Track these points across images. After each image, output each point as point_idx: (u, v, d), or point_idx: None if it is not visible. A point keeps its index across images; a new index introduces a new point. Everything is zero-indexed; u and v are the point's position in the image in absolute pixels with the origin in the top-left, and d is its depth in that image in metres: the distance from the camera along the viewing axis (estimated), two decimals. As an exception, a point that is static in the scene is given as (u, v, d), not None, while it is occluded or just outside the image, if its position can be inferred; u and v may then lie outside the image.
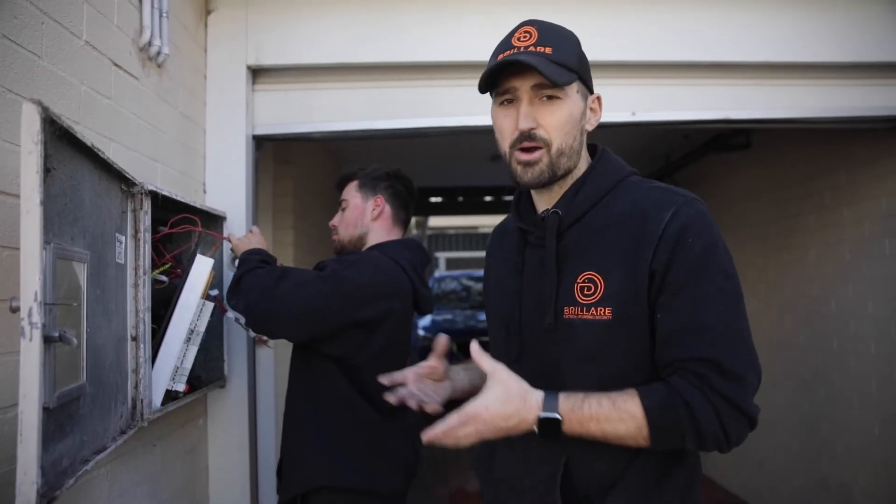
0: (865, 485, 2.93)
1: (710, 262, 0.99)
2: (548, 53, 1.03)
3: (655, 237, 1.00)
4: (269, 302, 1.61)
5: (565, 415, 0.96)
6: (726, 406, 0.94)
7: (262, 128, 2.27)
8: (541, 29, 1.07)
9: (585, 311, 1.03)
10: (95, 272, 1.23)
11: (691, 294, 0.98)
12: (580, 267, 1.05)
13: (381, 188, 1.88)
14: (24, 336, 0.94)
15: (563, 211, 1.08)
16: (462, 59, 2.20)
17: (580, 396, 0.98)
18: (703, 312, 0.98)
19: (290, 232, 3.31)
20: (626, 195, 1.08)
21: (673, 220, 1.00)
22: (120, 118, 1.59)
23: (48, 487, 0.98)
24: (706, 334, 0.97)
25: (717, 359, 0.95)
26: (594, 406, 0.97)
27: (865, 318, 2.94)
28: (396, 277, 1.75)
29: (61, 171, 1.08)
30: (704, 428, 0.94)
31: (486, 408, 0.97)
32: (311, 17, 2.22)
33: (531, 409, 0.97)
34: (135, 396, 1.45)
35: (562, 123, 1.05)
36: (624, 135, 3.97)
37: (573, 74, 1.05)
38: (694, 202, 1.04)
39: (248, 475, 2.15)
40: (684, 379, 0.96)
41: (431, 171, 5.46)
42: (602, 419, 0.96)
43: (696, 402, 0.94)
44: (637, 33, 2.29)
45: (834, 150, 3.15)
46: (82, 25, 1.42)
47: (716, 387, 0.94)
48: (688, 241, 0.99)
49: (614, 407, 0.97)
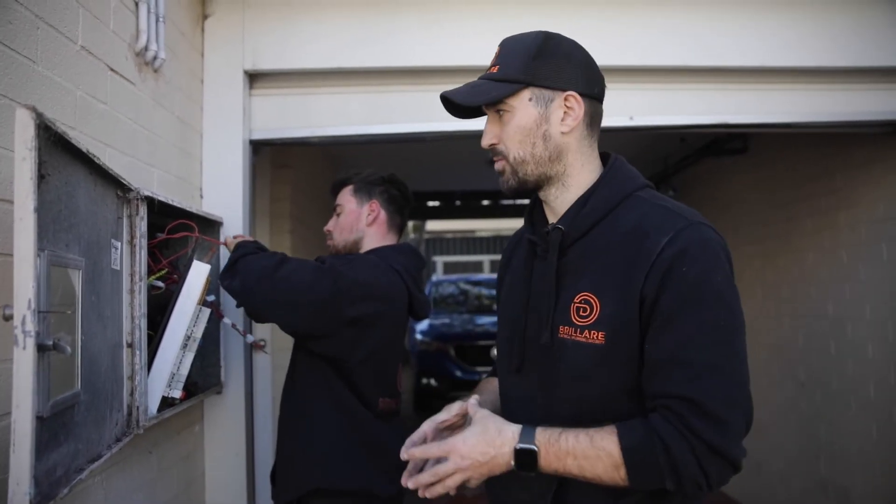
0: (863, 487, 2.93)
1: (705, 293, 0.95)
2: (493, 73, 1.09)
3: (649, 262, 0.97)
4: (268, 284, 1.60)
5: (542, 447, 0.96)
6: (705, 450, 0.90)
7: (259, 132, 2.26)
8: (503, 47, 1.12)
9: (579, 333, 1.01)
10: (90, 279, 1.22)
11: (679, 326, 0.95)
12: (579, 286, 1.03)
13: (376, 193, 1.88)
14: (17, 344, 0.93)
15: (567, 226, 1.07)
16: (460, 63, 2.20)
17: (557, 430, 0.97)
18: (688, 346, 0.94)
19: (287, 237, 3.30)
20: (633, 212, 1.05)
21: (669, 246, 0.97)
22: (116, 123, 1.58)
23: (41, 497, 0.96)
24: (689, 370, 0.93)
25: (698, 398, 0.91)
26: (571, 441, 0.95)
27: (863, 322, 2.94)
28: (391, 280, 1.75)
29: (56, 177, 1.07)
30: (683, 471, 0.91)
31: (463, 441, 0.99)
32: (308, 22, 2.22)
33: (507, 442, 0.97)
34: (130, 403, 1.44)
35: (511, 134, 1.08)
36: (621, 139, 3.97)
37: (512, 86, 1.07)
38: (698, 227, 0.99)
39: (244, 482, 2.13)
40: (664, 419, 0.93)
41: (429, 175, 5.46)
42: (579, 455, 0.95)
43: (674, 445, 0.91)
44: (635, 37, 2.29)
45: (831, 154, 3.15)
46: (78, 30, 1.41)
47: (695, 429, 0.90)
48: (682, 270, 0.95)
49: (591, 444, 0.95)
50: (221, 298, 1.93)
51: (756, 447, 3.74)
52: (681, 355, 0.94)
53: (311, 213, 3.83)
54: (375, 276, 1.71)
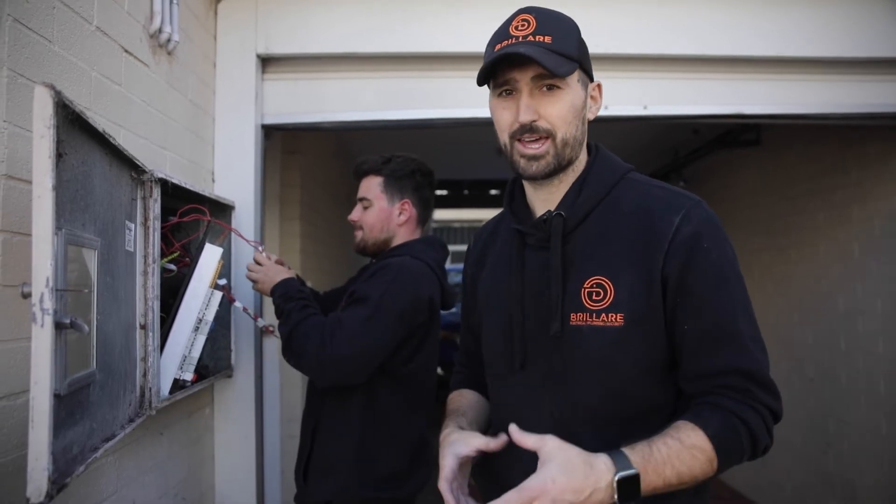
0: (871, 482, 2.93)
1: (728, 269, 0.99)
2: (547, 43, 1.00)
3: (666, 241, 0.97)
4: (329, 364, 1.59)
5: (640, 467, 0.88)
6: (770, 416, 0.97)
7: (271, 117, 2.26)
8: (539, 17, 1.03)
9: (595, 318, 0.99)
10: (105, 259, 1.22)
11: (715, 302, 0.97)
12: (587, 271, 1.01)
13: (408, 191, 1.85)
14: (35, 322, 0.93)
15: (566, 212, 1.05)
16: (472, 50, 2.18)
17: (642, 444, 0.90)
18: (731, 321, 0.97)
19: (297, 223, 3.31)
20: (630, 193, 1.05)
21: (684, 224, 0.98)
22: (130, 105, 1.58)
23: (59, 474, 0.97)
24: (736, 343, 0.97)
25: (753, 369, 0.96)
26: (664, 450, 0.90)
27: (874, 317, 2.92)
28: (430, 281, 1.75)
29: (73, 156, 1.07)
30: (759, 441, 0.96)
31: (552, 481, 0.84)
32: (321, 6, 2.21)
33: (602, 473, 0.86)
34: (143, 385, 1.44)
35: (564, 114, 1.02)
36: (632, 129, 3.94)
37: (574, 63, 1.01)
38: (701, 204, 1.02)
39: (253, 465, 2.15)
40: (728, 397, 0.95)
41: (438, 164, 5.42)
42: (676, 462, 0.90)
43: (751, 419, 0.95)
44: (650, 27, 2.27)
45: (845, 147, 3.12)
46: (93, 10, 1.41)
47: (761, 399, 0.96)
48: (703, 248, 0.97)
49: (682, 445, 0.91)
50: (233, 282, 1.93)
51: (762, 440, 3.74)
52: (725, 330, 0.97)
53: (320, 200, 3.83)
54: (417, 284, 1.71)
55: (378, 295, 1.65)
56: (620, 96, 2.29)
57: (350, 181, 1.98)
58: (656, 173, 4.98)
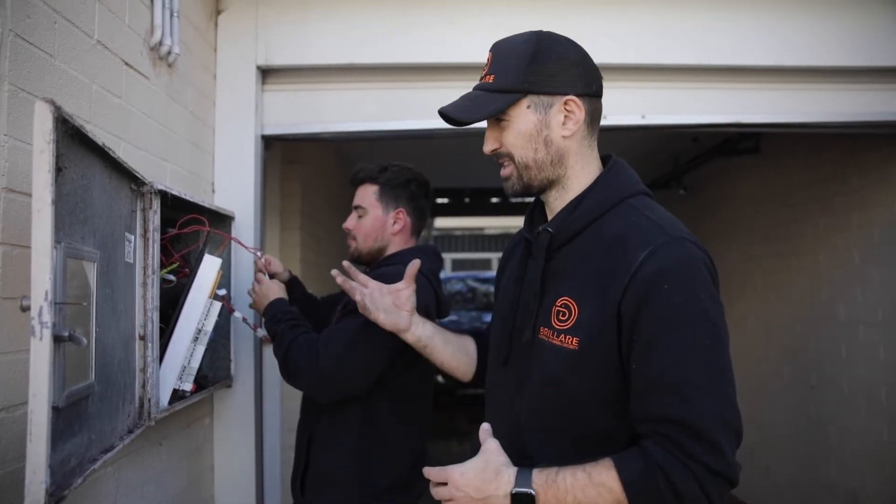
0: (873, 491, 2.91)
1: (690, 312, 0.94)
2: (489, 83, 1.09)
3: (627, 276, 0.96)
4: (327, 377, 1.59)
5: (540, 490, 0.95)
6: (705, 472, 0.90)
7: (271, 128, 2.27)
8: (495, 53, 1.11)
9: (555, 336, 1.03)
10: (105, 271, 1.23)
11: (666, 348, 0.93)
12: (561, 290, 1.05)
13: (403, 200, 1.85)
14: (34, 335, 0.93)
15: (555, 229, 1.08)
16: (471, 60, 2.19)
17: (554, 470, 0.96)
18: (676, 368, 0.93)
19: (297, 233, 3.32)
20: (618, 221, 1.04)
21: (647, 262, 0.95)
22: (130, 117, 1.59)
23: (56, 487, 0.97)
24: (679, 393, 0.92)
25: (691, 421, 0.91)
26: (569, 479, 0.94)
27: (875, 324, 2.92)
28: (425, 290, 1.74)
29: (72, 170, 1.08)
30: (685, 497, 0.91)
31: (461, 474, 1.01)
32: (320, 18, 2.22)
33: (503, 484, 0.97)
34: (142, 395, 1.45)
35: (513, 141, 1.09)
36: (632, 138, 3.95)
37: (510, 96, 1.06)
38: (679, 242, 0.98)
39: (253, 475, 2.14)
40: (659, 446, 0.92)
41: (438, 173, 5.45)
42: (579, 494, 0.93)
43: (674, 472, 0.90)
44: (647, 36, 2.28)
45: (844, 155, 3.13)
46: (94, 25, 1.42)
47: (693, 454, 0.90)
48: (663, 289, 0.94)
49: (590, 481, 0.93)
50: (232, 292, 1.94)
51: (765, 450, 3.73)
52: (669, 377, 0.93)
53: (320, 209, 3.84)
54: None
55: None
56: (619, 106, 2.29)
57: (350, 191, 1.98)
58: (656, 182, 4.99)
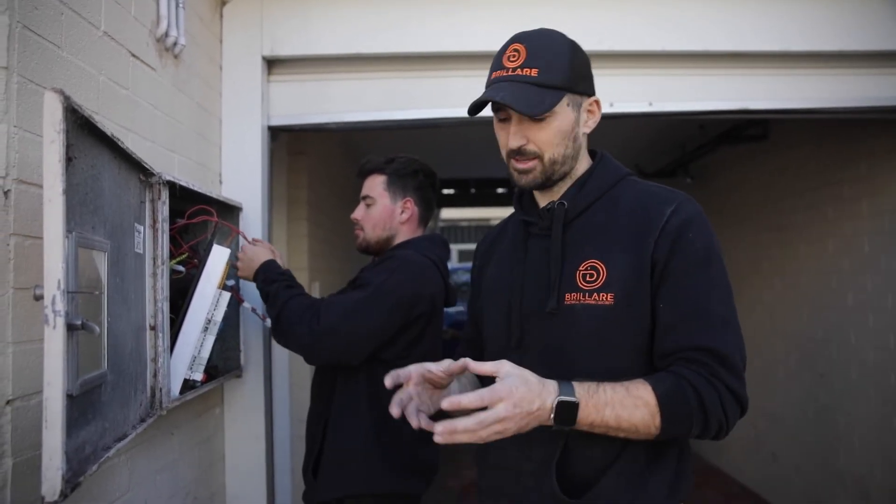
0: (881, 478, 2.91)
1: (710, 255, 1.06)
2: (532, 77, 1.07)
3: (657, 228, 1.06)
4: (321, 338, 1.61)
5: (582, 398, 0.97)
6: (727, 393, 1.00)
7: (278, 118, 2.27)
8: (530, 47, 1.09)
9: (587, 297, 1.07)
10: (115, 261, 1.23)
11: (693, 284, 1.04)
12: (582, 256, 1.09)
13: (411, 189, 1.87)
14: (47, 324, 0.95)
15: (568, 203, 1.14)
16: (477, 49, 2.19)
17: (594, 384, 0.99)
18: (705, 302, 1.04)
19: (304, 223, 3.32)
20: (628, 192, 1.14)
21: (675, 215, 1.07)
22: (137, 108, 1.60)
23: (72, 473, 0.99)
24: (707, 322, 1.03)
25: (717, 348, 1.01)
26: (609, 392, 0.99)
27: (884, 312, 2.91)
28: (433, 275, 1.77)
29: (82, 160, 1.08)
30: (711, 415, 0.99)
31: (516, 388, 0.91)
32: (325, 8, 2.22)
33: (549, 393, 0.95)
34: (154, 385, 1.46)
35: (550, 139, 1.11)
36: (638, 125, 3.94)
37: (559, 93, 1.08)
38: (693, 201, 1.11)
39: (263, 464, 2.16)
40: (690, 369, 1.01)
41: (445, 163, 5.44)
42: (617, 404, 0.98)
43: (703, 390, 0.99)
44: (655, 22, 2.26)
45: (854, 141, 3.10)
46: (100, 16, 1.43)
47: (718, 375, 1.00)
48: (689, 236, 1.06)
49: (628, 393, 0.99)
50: (241, 283, 1.95)
51: (773, 437, 3.73)
52: (698, 309, 1.03)
53: (327, 200, 3.84)
54: (419, 275, 1.73)
55: (379, 281, 1.69)
56: (626, 93, 2.28)
57: (356, 182, 1.99)
58: (663, 170, 4.96)
